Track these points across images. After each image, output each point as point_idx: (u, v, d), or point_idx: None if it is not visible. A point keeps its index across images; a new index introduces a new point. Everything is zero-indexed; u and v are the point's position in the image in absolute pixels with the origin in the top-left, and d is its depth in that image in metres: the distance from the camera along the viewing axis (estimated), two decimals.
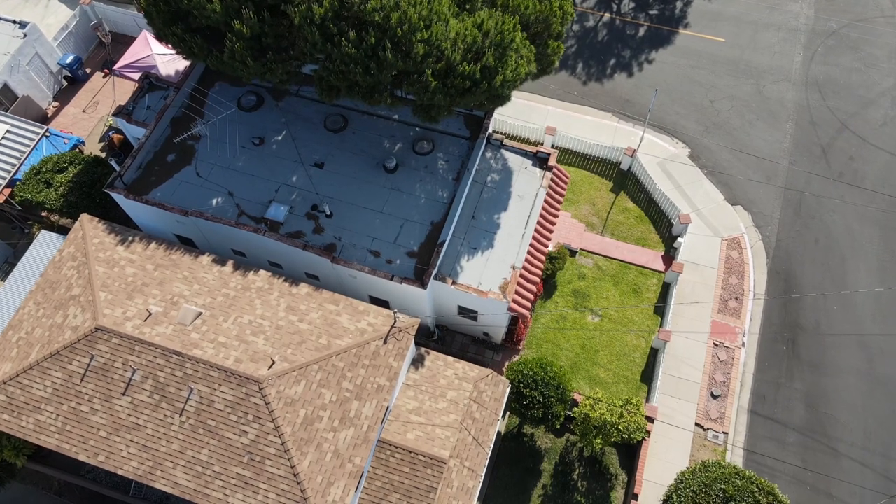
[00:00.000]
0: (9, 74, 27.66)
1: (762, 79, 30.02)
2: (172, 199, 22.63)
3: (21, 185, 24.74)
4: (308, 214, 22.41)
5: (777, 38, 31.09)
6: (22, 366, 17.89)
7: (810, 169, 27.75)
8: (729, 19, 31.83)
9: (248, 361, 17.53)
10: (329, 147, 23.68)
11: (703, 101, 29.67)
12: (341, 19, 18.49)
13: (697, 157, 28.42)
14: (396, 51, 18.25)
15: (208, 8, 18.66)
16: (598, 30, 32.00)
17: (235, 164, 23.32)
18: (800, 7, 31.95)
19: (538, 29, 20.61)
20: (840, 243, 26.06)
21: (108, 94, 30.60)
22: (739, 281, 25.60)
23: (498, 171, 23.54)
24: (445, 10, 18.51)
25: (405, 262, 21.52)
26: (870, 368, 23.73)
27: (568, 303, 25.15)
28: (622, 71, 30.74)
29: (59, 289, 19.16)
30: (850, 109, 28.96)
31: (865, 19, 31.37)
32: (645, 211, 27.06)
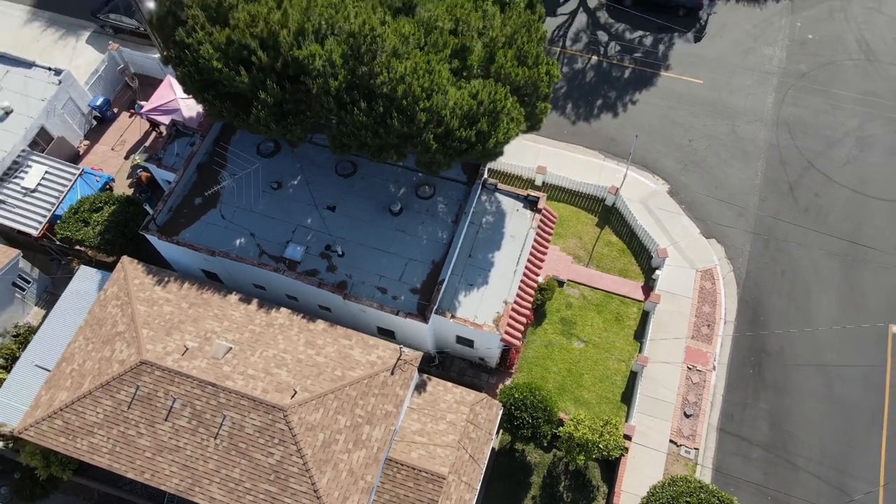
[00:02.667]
0: (46, 118, 30.22)
1: (737, 119, 32.61)
2: (200, 239, 25.23)
3: (61, 224, 27.34)
4: (322, 254, 25.02)
5: (751, 81, 33.66)
6: (76, 395, 20.52)
7: (779, 205, 30.35)
8: (707, 62, 34.39)
9: (273, 391, 20.16)
10: (340, 191, 26.29)
11: (682, 141, 32.25)
12: (353, 89, 21.11)
13: (676, 193, 31.01)
14: (402, 118, 20.87)
15: (237, 79, 21.27)
16: (587, 71, 34.57)
17: (256, 207, 25.92)
18: (773, 51, 34.52)
19: (527, 91, 23.21)
20: (804, 275, 28.66)
21: (134, 132, 33.19)
22: (712, 309, 28.22)
23: (492, 213, 26.16)
24: (444, 81, 21.11)
25: (409, 297, 24.13)
26: (827, 391, 26.34)
27: (556, 330, 27.77)
28: (608, 111, 33.33)
29: (106, 325, 21.78)
30: (816, 149, 31.55)
31: (833, 62, 33.95)
32: (627, 244, 29.66)
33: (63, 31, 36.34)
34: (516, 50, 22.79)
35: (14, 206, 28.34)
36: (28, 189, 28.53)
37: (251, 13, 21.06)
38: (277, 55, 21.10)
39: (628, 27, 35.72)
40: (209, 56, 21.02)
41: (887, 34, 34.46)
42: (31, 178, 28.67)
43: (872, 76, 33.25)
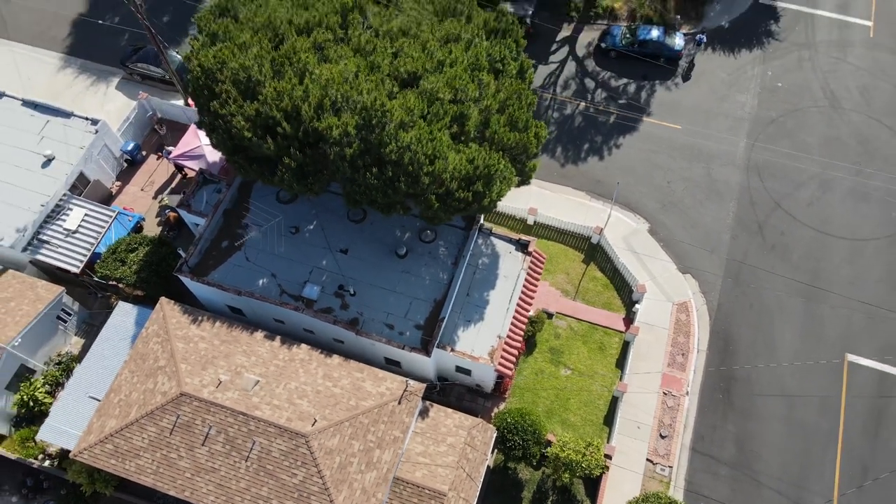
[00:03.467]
0: (84, 164, 33.32)
1: (711, 162, 35.71)
2: (227, 279, 28.31)
3: (101, 263, 30.41)
4: (336, 293, 28.11)
5: (725, 126, 36.78)
6: (124, 422, 23.57)
7: (748, 243, 33.42)
8: (685, 108, 37.52)
9: (296, 420, 23.22)
10: (352, 235, 29.38)
11: (662, 182, 35.35)
12: (366, 154, 24.22)
13: (656, 231, 34.09)
14: (408, 181, 23.97)
15: (264, 147, 24.40)
16: (575, 116, 37.70)
17: (277, 250, 29.02)
18: (745, 98, 37.65)
19: (518, 152, 26.32)
20: (770, 308, 31.71)
21: (162, 174, 36.31)
22: (686, 339, 31.27)
23: (488, 255, 29.25)
24: (445, 147, 24.23)
25: (413, 333, 27.21)
26: (789, 415, 29.36)
27: (545, 358, 30.82)
28: (594, 154, 36.44)
29: (149, 360, 24.86)
30: (783, 190, 34.64)
31: (800, 109, 37.08)
32: (610, 279, 32.72)
33: (94, 77, 39.50)
34: (508, 116, 25.95)
35: (57, 245, 31.41)
36: (70, 230, 31.61)
37: (277, 89, 24.19)
38: (299, 125, 24.23)
39: (613, 75, 38.88)
40: (240, 127, 24.16)
41: (850, 83, 37.58)
42: (72, 220, 31.76)
43: (836, 122, 36.37)
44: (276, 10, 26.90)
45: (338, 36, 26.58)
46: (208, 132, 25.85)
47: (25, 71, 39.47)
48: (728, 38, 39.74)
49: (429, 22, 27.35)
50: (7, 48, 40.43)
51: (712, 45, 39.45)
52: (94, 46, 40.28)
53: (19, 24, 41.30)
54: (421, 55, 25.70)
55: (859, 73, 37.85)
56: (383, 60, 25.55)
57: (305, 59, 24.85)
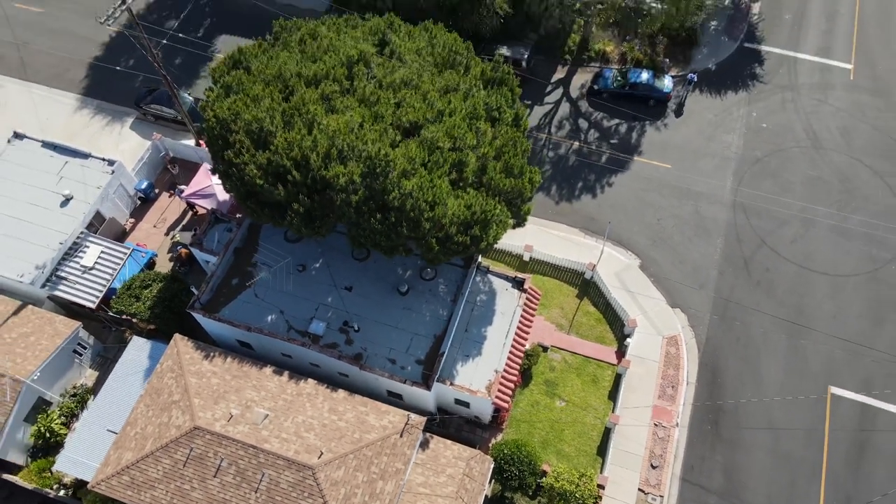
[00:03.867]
0: (100, 203, 34.91)
1: (699, 200, 37.33)
2: (237, 315, 29.74)
3: (116, 299, 31.87)
4: (341, 329, 29.52)
5: (713, 165, 38.48)
6: (140, 455, 24.86)
7: (735, 278, 34.90)
8: (674, 148, 39.26)
9: (303, 452, 24.50)
10: (356, 273, 30.87)
11: (652, 220, 36.93)
12: (370, 200, 25.80)
13: (646, 267, 35.59)
14: (410, 226, 25.53)
15: (275, 193, 26.01)
16: (569, 156, 39.43)
17: (285, 287, 30.50)
18: (731, 138, 39.40)
19: (513, 196, 27.93)
20: (756, 341, 33.09)
21: (174, 211, 37.91)
22: (675, 372, 32.61)
23: (485, 292, 30.72)
24: (444, 193, 25.81)
25: (414, 367, 28.58)
26: (774, 446, 30.58)
27: (541, 390, 32.12)
28: (588, 192, 38.09)
29: (163, 395, 26.20)
30: (768, 228, 36.20)
31: (784, 149, 38.81)
32: (603, 314, 34.14)
33: (109, 117, 41.32)
34: (504, 162, 27.60)
35: (74, 282, 32.88)
36: (86, 267, 33.10)
37: (288, 140, 25.86)
38: (308, 173, 25.85)
39: (605, 116, 40.68)
40: (253, 175, 25.79)
41: (832, 124, 39.36)
42: (88, 258, 33.27)
43: (818, 162, 38.08)
44: (285, 62, 28.69)
45: (344, 87, 28.31)
46: (222, 178, 27.50)
47: (44, 111, 41.30)
48: (715, 81, 41.62)
49: (429, 73, 29.13)
50: (26, 89, 42.31)
51: (700, 87, 41.32)
52: (110, 88, 42.16)
53: (38, 67, 43.23)
54: (422, 105, 27.41)
55: (840, 115, 39.64)
56: (387, 111, 27.25)
57: (314, 111, 26.55)
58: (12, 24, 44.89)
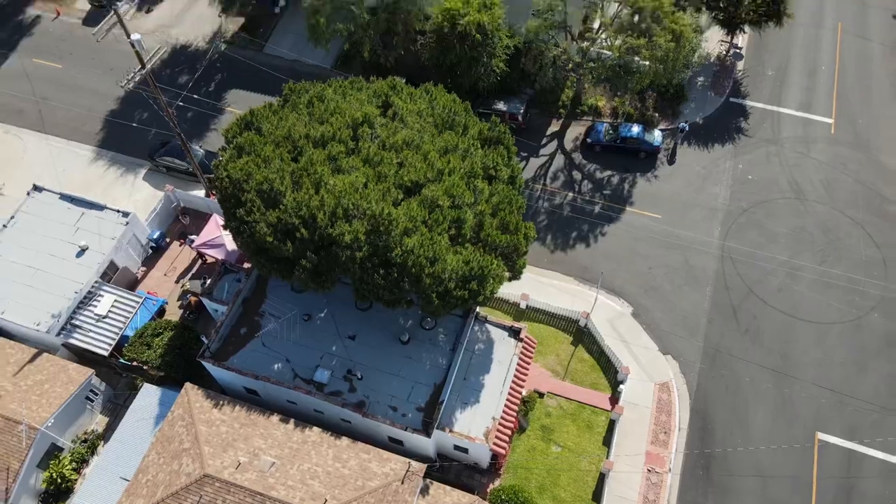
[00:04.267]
0: (115, 253, 36.45)
1: (688, 250, 38.87)
2: (245, 364, 30.99)
3: (129, 347, 33.16)
4: (345, 377, 30.75)
5: (701, 216, 40.13)
6: (151, 502, 25.87)
7: (724, 326, 36.22)
8: (664, 199, 40.96)
9: (308, 500, 25.53)
10: (359, 322, 32.22)
11: (643, 269, 38.42)
12: (374, 255, 27.31)
13: (638, 314, 36.94)
14: (411, 281, 27.00)
15: (283, 249, 27.54)
16: (563, 206, 41.11)
17: (291, 336, 31.81)
18: (719, 189, 41.14)
19: (509, 251, 29.46)
20: (744, 388, 34.26)
21: (184, 260, 39.43)
22: (668, 418, 33.70)
23: (483, 341, 32.04)
24: (444, 250, 27.35)
25: (415, 415, 29.73)
26: (764, 492, 31.51)
27: (537, 436, 33.17)
28: (581, 242, 39.66)
29: (174, 442, 27.32)
30: (755, 277, 37.66)
31: (769, 200, 40.50)
32: (597, 361, 35.38)
33: (123, 169, 43.16)
34: (500, 219, 29.20)
35: (88, 330, 34.21)
36: (100, 315, 34.45)
37: (296, 199, 27.50)
38: (315, 231, 27.42)
39: (598, 167, 42.52)
40: (263, 233, 27.36)
41: (814, 176, 41.15)
42: (102, 306, 34.65)
43: (802, 214, 39.73)
44: (294, 124, 30.53)
45: (349, 148, 30.08)
46: (234, 235, 29.07)
47: (61, 163, 43.15)
48: (702, 134, 43.57)
49: (430, 134, 30.93)
50: (45, 142, 44.25)
51: (688, 140, 43.24)
52: (124, 140, 44.08)
53: (56, 121, 45.24)
54: (423, 165, 29.12)
55: (822, 168, 41.47)
56: (390, 170, 28.96)
57: (321, 171, 28.25)
58: (32, 79, 47.09)
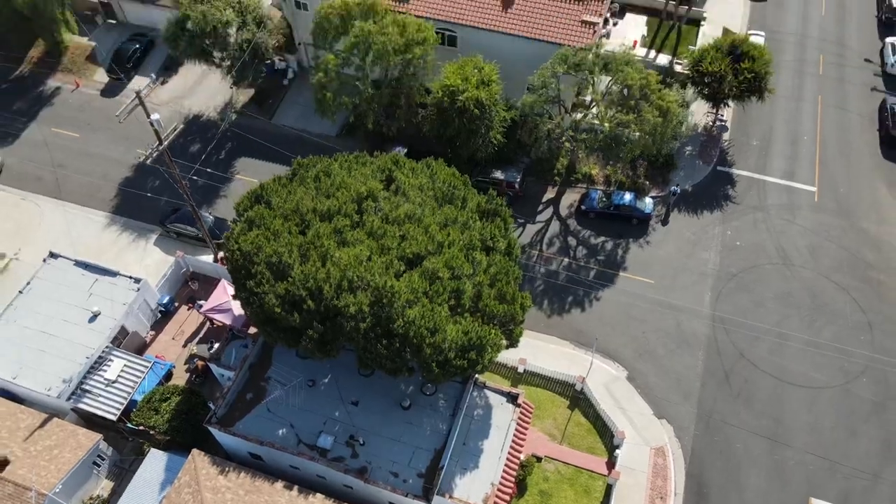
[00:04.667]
0: (125, 319, 37.69)
1: (681, 314, 40.14)
2: (251, 430, 31.85)
3: (137, 412, 34.04)
4: (347, 443, 31.56)
5: (692, 281, 41.55)
6: None
7: (716, 390, 37.18)
8: (656, 264, 42.47)
9: None
10: (362, 388, 33.21)
11: (637, 333, 39.60)
12: (377, 325, 28.58)
13: (633, 378, 37.95)
14: (412, 351, 28.20)
15: (291, 320, 28.84)
16: (559, 271, 42.59)
17: (295, 402, 32.76)
18: (709, 255, 42.70)
19: (506, 320, 30.75)
20: (737, 453, 34.98)
21: (191, 324, 40.64)
22: (664, 483, 34.32)
23: (482, 406, 32.98)
24: (444, 320, 28.64)
25: (415, 480, 30.44)
26: None
27: (536, 501, 33.73)
28: (577, 306, 40.96)
29: None
30: (745, 341, 38.81)
31: (757, 266, 42.01)
32: (593, 424, 36.20)
33: (135, 234, 44.79)
34: (498, 290, 30.59)
35: (97, 395, 35.15)
36: (110, 380, 35.45)
37: (304, 272, 28.96)
38: (321, 302, 28.78)
39: (593, 233, 44.19)
40: (271, 304, 28.71)
41: (800, 242, 42.78)
42: (112, 371, 35.68)
43: (789, 279, 41.19)
44: (302, 198, 32.26)
45: (354, 221, 31.72)
46: (243, 305, 30.42)
47: (76, 228, 44.81)
48: (692, 201, 45.42)
49: (430, 207, 32.62)
50: (61, 208, 46.03)
51: (678, 207, 45.05)
52: (137, 207, 45.84)
53: (72, 188, 47.14)
54: (424, 238, 30.68)
55: (807, 234, 43.14)
56: (392, 243, 30.51)
57: (327, 245, 29.80)
58: (50, 148, 49.26)
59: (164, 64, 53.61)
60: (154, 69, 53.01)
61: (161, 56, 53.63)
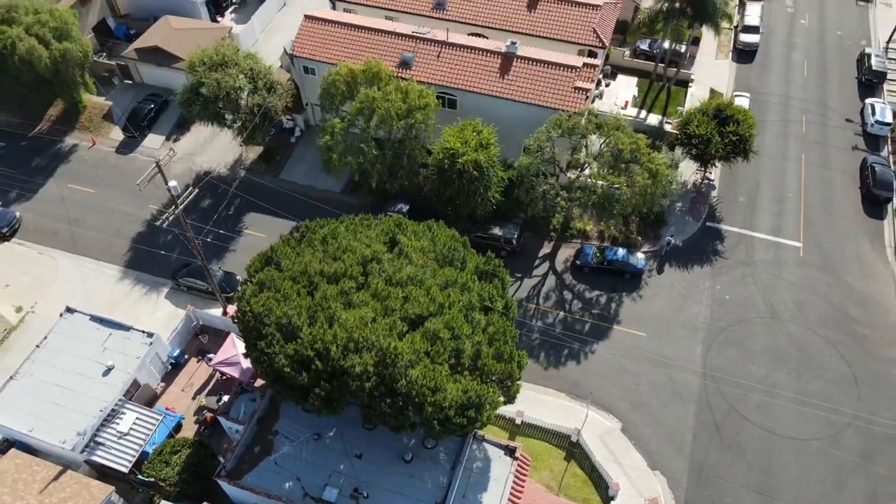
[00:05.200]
0: (138, 372, 39.19)
1: (672, 367, 41.62)
2: (258, 482, 33.08)
3: (148, 465, 35.29)
4: (352, 495, 32.78)
5: (683, 334, 43.15)
6: None
7: (708, 442, 38.44)
8: (649, 318, 44.11)
9: None
10: (366, 441, 34.52)
11: (631, 385, 41.03)
12: (381, 384, 30.12)
13: (627, 430, 39.22)
14: (415, 409, 29.68)
15: (299, 378, 30.40)
16: (556, 324, 44.20)
17: (302, 455, 34.05)
18: (699, 309, 44.38)
19: (503, 378, 32.29)
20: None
21: (201, 376, 42.09)
22: None
23: (480, 459, 34.26)
24: (444, 379, 30.19)
25: None
26: None
27: None
28: (572, 359, 42.46)
29: None
30: (736, 393, 40.22)
31: (745, 319, 43.66)
32: (589, 476, 37.36)
33: (147, 288, 46.54)
34: (496, 349, 32.21)
35: (110, 447, 36.42)
36: (122, 433, 36.77)
37: (312, 334, 30.63)
38: (328, 362, 30.37)
39: (587, 287, 45.94)
40: (281, 364, 30.31)
41: (787, 297, 44.53)
42: (124, 424, 37.02)
43: (776, 332, 42.80)
44: (310, 261, 34.10)
45: (359, 283, 33.52)
46: (254, 364, 32.00)
47: (91, 282, 46.58)
48: (682, 256, 47.31)
49: (432, 269, 34.45)
50: (76, 262, 47.89)
51: (669, 262, 46.92)
52: (149, 261, 47.67)
53: (87, 242, 49.06)
54: (425, 300, 32.41)
55: (794, 289, 44.91)
56: (396, 304, 32.24)
57: (334, 307, 31.52)
58: (67, 203, 51.40)
59: (176, 122, 56.20)
60: (168, 127, 55.68)
61: (174, 115, 56.22)
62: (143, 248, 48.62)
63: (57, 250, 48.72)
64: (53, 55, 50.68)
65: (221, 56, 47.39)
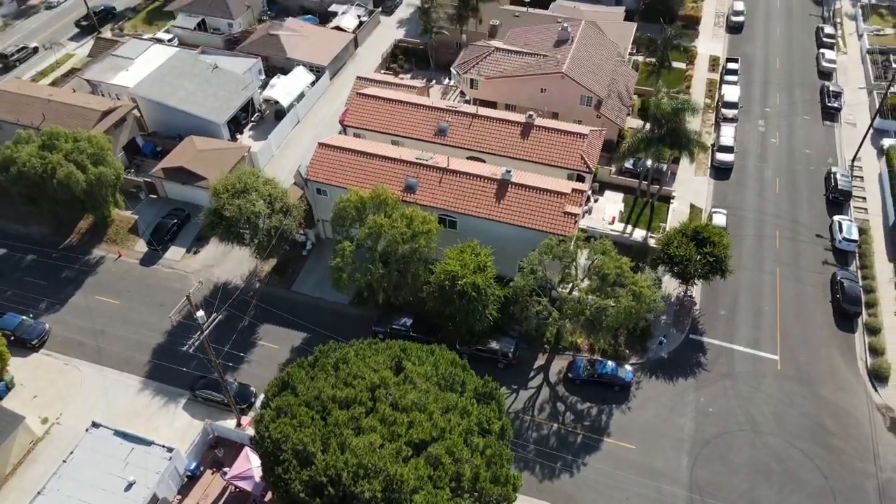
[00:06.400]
0: (157, 486, 41.68)
1: (661, 479, 44.07)
2: None
3: None
4: None
5: (670, 446, 45.75)
6: None
7: None
8: (637, 429, 46.84)
9: None
10: None
11: (622, 498, 43.36)
12: None
13: None
14: None
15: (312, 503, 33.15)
16: (550, 437, 46.91)
17: None
18: (684, 421, 47.21)
19: (500, 500, 34.96)
20: None
21: (215, 487, 44.46)
22: None
23: None
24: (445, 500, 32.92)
25: None
26: None
27: None
28: (566, 471, 44.95)
29: None
30: None
31: (728, 432, 46.43)
32: None
33: (166, 398, 49.45)
34: (493, 473, 35.05)
35: None
36: None
37: (326, 461, 33.59)
38: (340, 487, 33.17)
39: (579, 399, 48.89)
40: (297, 490, 33.12)
41: (766, 409, 47.43)
42: None
43: (757, 445, 45.49)
44: (324, 386, 37.41)
45: (368, 408, 36.69)
46: (271, 488, 34.76)
47: (113, 392, 49.55)
48: (668, 368, 50.49)
49: (434, 394, 37.69)
50: (99, 373, 51.02)
51: (655, 374, 50.05)
52: (168, 372, 50.72)
53: (110, 352, 52.34)
54: (428, 425, 35.53)
55: (772, 401, 47.89)
56: (401, 430, 35.32)
57: (346, 434, 34.58)
58: (93, 314, 54.99)
59: (196, 236, 60.57)
60: (188, 241, 60.06)
61: (195, 229, 60.62)
62: (162, 359, 51.66)
63: (82, 360, 51.84)
64: (89, 178, 55.48)
65: (244, 184, 52.15)
